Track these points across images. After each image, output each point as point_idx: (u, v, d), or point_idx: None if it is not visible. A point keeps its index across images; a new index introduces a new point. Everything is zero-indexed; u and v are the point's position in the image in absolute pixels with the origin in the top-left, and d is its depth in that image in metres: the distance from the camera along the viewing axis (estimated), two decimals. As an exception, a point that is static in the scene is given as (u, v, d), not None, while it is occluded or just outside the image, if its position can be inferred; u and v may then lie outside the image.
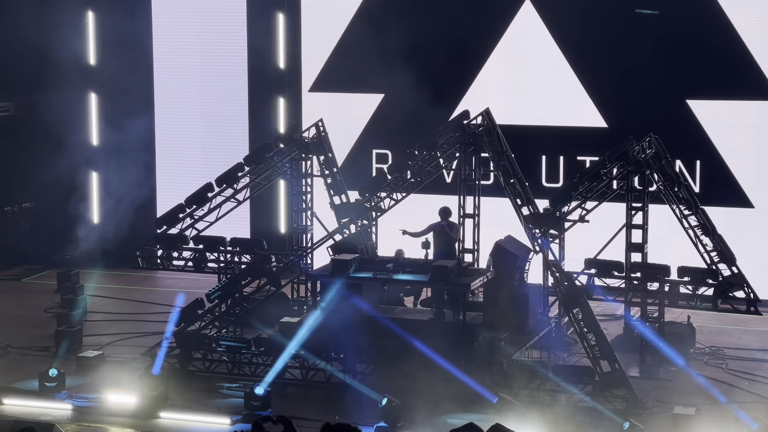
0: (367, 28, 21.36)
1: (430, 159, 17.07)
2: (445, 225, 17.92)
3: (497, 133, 17.00)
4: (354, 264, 16.05)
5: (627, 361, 15.56)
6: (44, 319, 18.84)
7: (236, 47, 22.13)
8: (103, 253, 21.95)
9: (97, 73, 22.93)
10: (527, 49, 20.64)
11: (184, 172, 22.03)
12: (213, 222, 18.52)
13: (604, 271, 16.02)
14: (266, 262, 17.03)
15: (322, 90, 21.82)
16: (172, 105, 22.68)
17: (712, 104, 19.84)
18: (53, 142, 22.19)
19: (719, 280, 15.99)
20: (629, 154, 16.16)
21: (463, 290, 15.74)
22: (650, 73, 19.98)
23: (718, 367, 16.39)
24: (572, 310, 15.19)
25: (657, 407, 14.59)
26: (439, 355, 14.87)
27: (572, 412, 14.17)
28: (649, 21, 19.91)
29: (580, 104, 20.43)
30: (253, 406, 14.36)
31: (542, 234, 15.83)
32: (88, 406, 14.70)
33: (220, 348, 15.83)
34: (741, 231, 19.10)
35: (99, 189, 23.20)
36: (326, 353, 15.38)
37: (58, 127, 22.28)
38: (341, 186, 18.58)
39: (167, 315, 17.20)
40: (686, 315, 16.98)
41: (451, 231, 17.87)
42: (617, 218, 16.66)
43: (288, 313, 17.42)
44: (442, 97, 20.91)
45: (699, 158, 19.88)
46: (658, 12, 18.78)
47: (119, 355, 16.78)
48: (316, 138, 18.48)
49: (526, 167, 18.02)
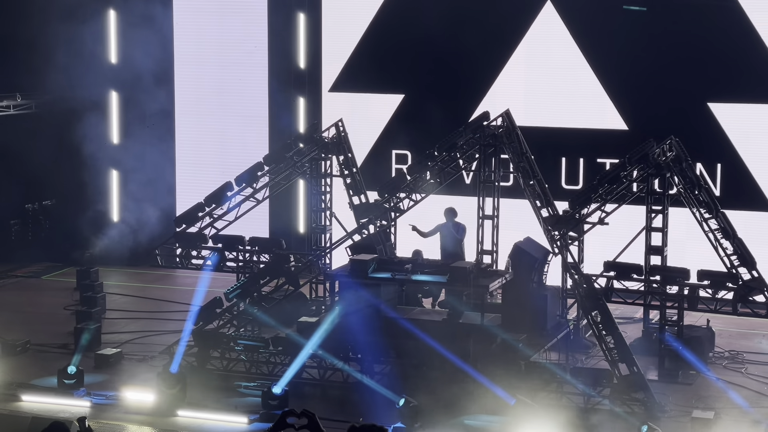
0: (387, 29, 21.38)
1: (449, 160, 17.04)
2: (451, 225, 17.92)
3: (517, 135, 16.97)
4: (373, 264, 16.04)
5: (645, 364, 15.52)
6: (63, 316, 18.91)
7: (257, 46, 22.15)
8: (123, 251, 22.03)
9: (119, 71, 23.02)
10: (548, 50, 20.60)
11: (204, 171, 22.09)
12: (232, 221, 18.56)
13: (624, 273, 15.96)
14: (285, 261, 17.03)
15: (343, 90, 21.84)
16: (192, 104, 22.75)
17: (734, 107, 19.76)
18: (74, 141, 22.28)
19: (739, 284, 15.92)
20: (649, 157, 16.11)
21: (482, 292, 15.71)
22: (671, 76, 19.92)
23: (737, 371, 16.31)
24: (591, 312, 15.15)
25: (675, 411, 14.53)
26: (457, 357, 14.85)
27: (590, 414, 14.13)
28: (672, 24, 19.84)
29: (601, 106, 20.37)
30: (270, 405, 14.38)
31: (561, 236, 15.78)
32: (107, 404, 14.74)
33: (238, 347, 15.85)
34: (762, 235, 19.01)
35: (119, 187, 23.28)
36: (344, 353, 15.39)
37: (80, 126, 22.37)
38: (360, 186, 18.58)
39: (186, 313, 17.24)
40: (706, 319, 16.91)
41: (456, 232, 17.88)
42: (637, 221, 16.62)
43: (306, 312, 17.43)
44: (463, 98, 20.91)
45: (720, 161, 19.80)
46: (646, 9, 18.65)
47: (138, 352, 16.83)
48: (335, 138, 18.49)
49: (546, 169, 17.98)
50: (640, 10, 17.67)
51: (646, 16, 19.97)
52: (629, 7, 17.36)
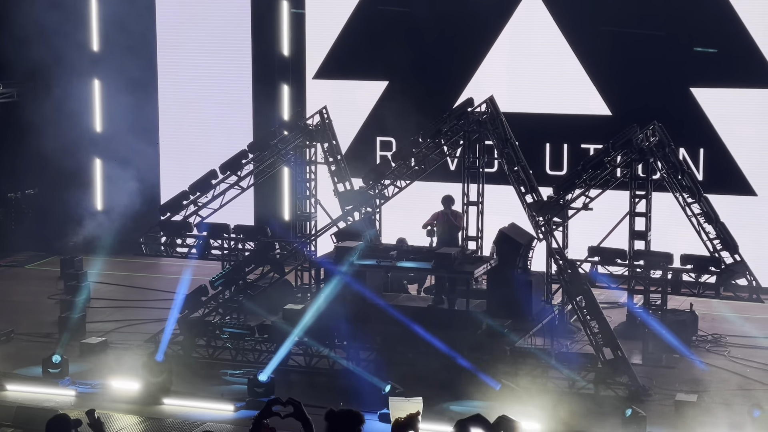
0: (371, 16, 21.35)
1: (434, 146, 17.06)
2: (448, 213, 17.94)
3: (501, 121, 16.99)
4: (358, 251, 16.05)
5: (630, 349, 15.60)
6: (47, 305, 18.88)
7: (240, 34, 22.12)
8: (107, 239, 21.99)
9: (101, 59, 22.94)
10: (531, 36, 20.62)
11: (188, 159, 22.05)
12: (217, 209, 18.53)
13: (608, 258, 16.03)
14: (270, 249, 17.04)
15: (326, 77, 21.82)
16: (175, 92, 22.69)
17: (716, 92, 19.82)
18: (57, 129, 22.20)
19: (722, 268, 16.01)
20: (633, 142, 16.16)
21: (467, 278, 15.75)
22: (654, 62, 19.97)
23: (720, 354, 16.42)
24: (575, 297, 15.21)
25: (659, 394, 14.62)
26: (443, 343, 14.89)
27: (575, 399, 14.20)
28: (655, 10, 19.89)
29: (585, 92, 20.41)
30: (256, 392, 14.40)
31: (546, 222, 15.83)
32: (92, 393, 14.72)
33: (223, 335, 15.86)
34: (744, 219, 19.10)
35: (103, 176, 23.23)
36: (330, 340, 15.41)
37: (62, 114, 22.31)
38: (345, 173, 18.59)
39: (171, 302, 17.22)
40: (689, 303, 17.00)
41: (454, 219, 17.89)
42: (621, 206, 16.67)
43: (291, 300, 17.45)
44: (446, 84, 20.92)
45: (702, 146, 19.88)
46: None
47: (123, 341, 16.82)
48: (320, 125, 18.48)
49: (530, 155, 18.01)
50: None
51: (629, 2, 20.01)
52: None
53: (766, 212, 19.66)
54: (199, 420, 13.79)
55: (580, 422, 13.40)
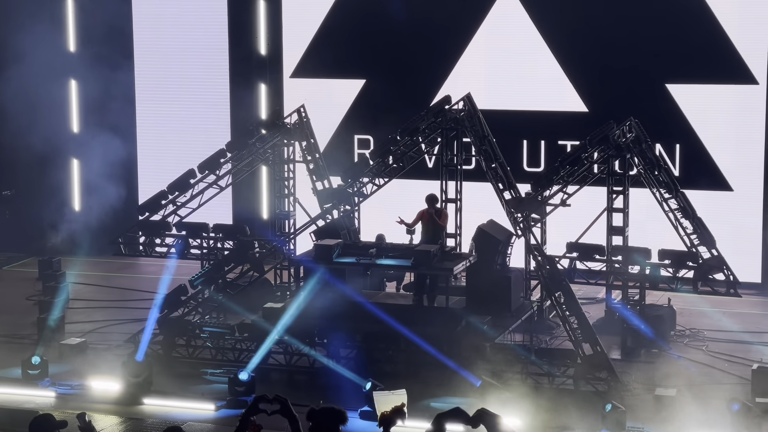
0: (347, 14, 21.36)
1: (411, 144, 17.10)
2: (432, 212, 17.97)
3: (479, 118, 17.04)
4: (337, 249, 16.07)
5: (608, 344, 15.68)
6: (26, 306, 18.81)
7: (217, 34, 22.08)
8: (85, 240, 21.91)
9: (77, 59, 22.85)
10: (508, 34, 20.68)
11: (166, 159, 21.99)
12: (195, 208, 18.51)
13: (586, 254, 16.11)
14: (249, 247, 17.04)
15: (304, 76, 21.82)
16: (153, 91, 22.63)
17: (691, 88, 19.94)
18: (33, 130, 22.10)
19: (699, 263, 16.11)
20: (610, 138, 16.24)
21: (446, 274, 15.80)
22: (630, 58, 20.06)
23: (698, 348, 16.52)
24: (554, 293, 15.28)
25: (638, 389, 14.71)
26: (423, 340, 14.93)
27: (555, 394, 14.27)
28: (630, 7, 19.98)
29: (561, 89, 20.49)
30: (237, 391, 14.39)
31: (524, 218, 15.90)
32: (72, 393, 14.69)
33: (203, 334, 15.84)
34: (720, 214, 19.23)
35: (80, 176, 23.14)
36: (310, 338, 15.42)
37: (38, 115, 22.20)
38: (323, 171, 18.60)
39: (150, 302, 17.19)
40: (667, 297, 17.10)
41: (439, 218, 17.92)
42: (598, 202, 16.76)
43: (271, 298, 17.44)
44: (424, 82, 20.95)
45: (679, 142, 19.99)
46: None
47: (102, 342, 16.78)
48: (298, 124, 18.48)
49: (508, 152, 18.06)
50: None
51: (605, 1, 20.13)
52: None
53: (741, 207, 19.80)
54: (180, 419, 13.76)
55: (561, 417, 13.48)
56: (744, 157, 19.81)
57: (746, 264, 18.94)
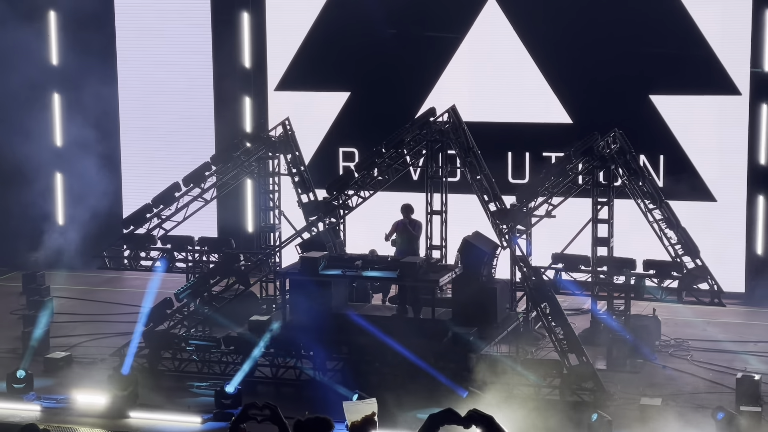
0: (332, 27, 21.41)
1: (396, 156, 17.13)
2: (406, 222, 18.02)
3: (463, 130, 17.09)
4: (323, 261, 16.09)
5: (594, 354, 15.72)
6: (10, 321, 18.73)
7: (201, 47, 22.08)
8: (70, 254, 21.85)
9: (60, 73, 22.81)
10: (492, 46, 20.75)
11: (151, 172, 21.95)
12: (180, 222, 18.51)
13: (571, 265, 16.17)
14: (235, 260, 17.03)
15: (288, 89, 21.84)
16: (137, 105, 22.60)
17: (675, 99, 20.04)
18: (16, 143, 22.03)
19: (684, 273, 16.18)
20: (594, 150, 16.31)
21: (432, 286, 15.81)
22: (613, 69, 20.16)
23: (683, 358, 16.58)
24: (540, 304, 15.31)
25: (624, 399, 14.74)
26: (409, 351, 14.94)
27: (541, 405, 14.29)
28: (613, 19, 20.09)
29: (545, 101, 20.57)
30: (223, 404, 14.37)
31: (509, 229, 15.94)
32: (57, 407, 14.64)
33: (189, 347, 15.82)
34: (704, 224, 19.30)
35: (64, 190, 23.09)
36: (296, 350, 15.41)
37: (21, 128, 22.14)
38: (309, 184, 18.61)
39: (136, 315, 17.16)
40: (652, 308, 17.16)
41: (413, 228, 17.97)
42: (583, 213, 16.82)
43: (257, 311, 17.44)
44: (408, 94, 21.00)
45: (662, 153, 20.08)
46: None
47: (88, 355, 16.73)
48: (282, 136, 18.51)
49: (493, 164, 18.09)
50: None
51: (589, 12, 20.20)
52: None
53: (725, 217, 19.89)
54: (165, 433, 13.77)
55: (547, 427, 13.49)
56: (727, 168, 19.91)
57: (730, 274, 19.02)
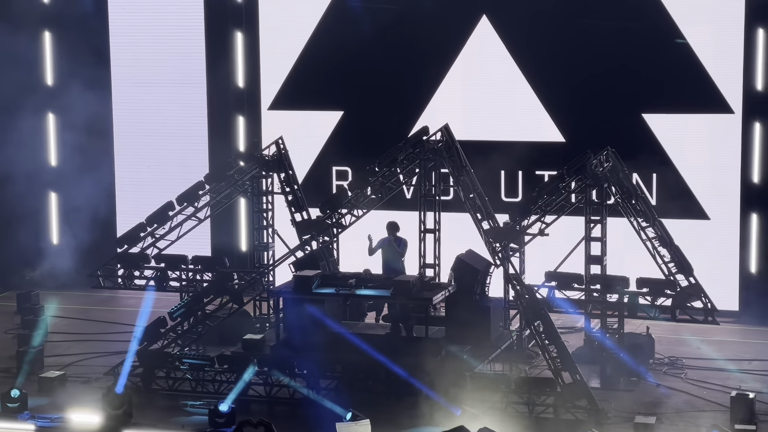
0: (325, 47, 21.47)
1: (390, 175, 17.18)
2: (392, 239, 18.04)
3: (456, 149, 17.14)
4: (316, 280, 16.10)
5: (588, 373, 15.72)
6: (4, 340, 18.71)
7: (195, 66, 22.13)
8: (64, 273, 21.84)
9: (55, 93, 22.84)
10: (485, 65, 20.83)
11: (144, 192, 21.97)
12: (174, 240, 18.52)
13: (565, 283, 16.18)
14: (228, 279, 17.04)
15: (282, 108, 21.89)
16: (131, 124, 22.63)
17: (667, 117, 20.11)
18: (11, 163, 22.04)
19: (677, 291, 16.21)
20: (587, 168, 16.36)
21: (425, 304, 15.83)
22: (606, 88, 20.23)
23: (677, 376, 16.59)
24: (534, 322, 15.33)
25: (618, 417, 14.74)
26: (403, 370, 14.94)
27: (535, 423, 14.29)
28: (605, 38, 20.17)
29: (538, 119, 20.63)
30: (217, 423, 14.35)
31: (502, 248, 15.96)
32: (51, 426, 14.61)
33: (183, 366, 15.81)
34: (697, 242, 19.34)
35: (58, 209, 23.09)
36: (290, 369, 15.41)
37: (16, 148, 22.16)
38: (302, 203, 18.64)
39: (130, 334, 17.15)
40: (645, 326, 17.17)
41: (398, 246, 18.00)
42: (576, 231, 16.85)
43: (251, 330, 17.44)
44: (401, 113, 21.06)
45: (655, 171, 20.13)
46: None
47: (82, 374, 16.70)
48: (276, 155, 18.54)
49: (486, 182, 18.17)
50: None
51: (581, 32, 20.29)
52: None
53: (718, 235, 19.93)
54: (160, 452, 13.75)
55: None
56: (720, 186, 19.97)
57: (724, 292, 19.06)
